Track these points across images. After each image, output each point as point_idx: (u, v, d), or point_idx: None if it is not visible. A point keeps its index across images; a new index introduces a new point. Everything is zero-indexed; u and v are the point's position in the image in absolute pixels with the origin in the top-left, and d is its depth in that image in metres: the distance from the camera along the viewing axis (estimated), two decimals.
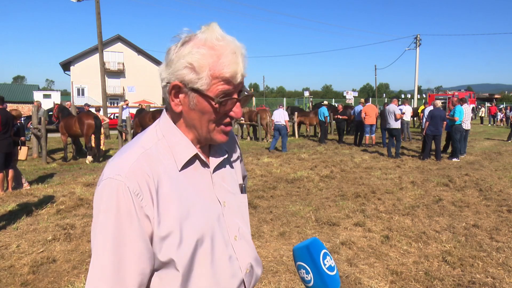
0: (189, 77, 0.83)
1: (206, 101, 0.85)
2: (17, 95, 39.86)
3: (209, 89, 0.83)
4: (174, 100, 0.87)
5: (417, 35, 30.73)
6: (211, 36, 0.83)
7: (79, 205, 5.61)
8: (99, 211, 0.80)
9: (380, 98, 44.77)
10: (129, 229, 0.79)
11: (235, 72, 0.83)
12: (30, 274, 3.44)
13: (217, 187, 0.94)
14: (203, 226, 0.87)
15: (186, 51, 0.83)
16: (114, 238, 0.78)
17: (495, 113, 27.61)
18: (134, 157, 0.84)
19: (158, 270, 0.84)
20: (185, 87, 0.85)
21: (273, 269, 3.51)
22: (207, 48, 0.82)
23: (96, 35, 17.35)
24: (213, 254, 0.88)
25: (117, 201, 0.79)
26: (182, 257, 0.83)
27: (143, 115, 11.64)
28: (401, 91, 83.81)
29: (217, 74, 0.82)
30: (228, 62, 0.82)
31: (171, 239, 0.82)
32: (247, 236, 1.00)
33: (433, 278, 3.31)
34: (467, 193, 6.31)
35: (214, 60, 0.82)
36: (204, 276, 0.86)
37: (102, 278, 0.78)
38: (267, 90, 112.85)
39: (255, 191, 6.53)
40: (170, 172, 0.86)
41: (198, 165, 0.92)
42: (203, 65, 0.82)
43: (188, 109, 0.87)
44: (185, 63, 0.82)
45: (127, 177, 0.80)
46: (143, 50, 41.24)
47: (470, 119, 11.00)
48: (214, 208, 0.92)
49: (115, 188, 0.79)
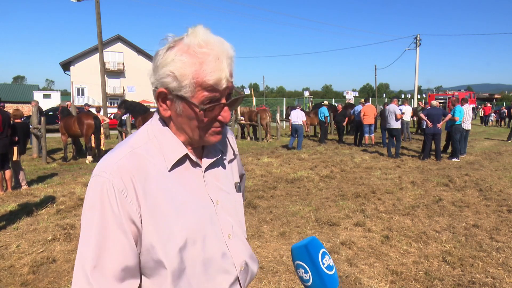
0: (172, 85, 0.83)
1: (190, 109, 0.85)
2: (17, 95, 39.89)
3: (193, 96, 0.83)
4: (162, 105, 0.88)
5: (417, 35, 30.75)
6: (193, 42, 0.82)
7: (79, 205, 5.61)
8: (85, 207, 0.83)
9: (380, 98, 44.78)
10: (112, 224, 0.80)
11: (219, 78, 0.82)
12: (30, 274, 3.44)
13: (210, 186, 0.95)
14: (194, 225, 0.87)
15: (169, 58, 0.82)
16: (97, 233, 0.79)
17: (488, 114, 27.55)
18: (120, 155, 0.85)
19: (148, 269, 0.85)
20: (170, 94, 0.85)
21: (273, 269, 3.51)
22: (189, 55, 0.81)
23: (96, 35, 17.37)
24: (205, 252, 0.88)
25: (100, 197, 0.80)
26: (172, 256, 0.83)
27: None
28: (401, 91, 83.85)
29: (200, 82, 0.81)
30: (211, 69, 0.81)
31: (159, 238, 0.83)
32: (241, 234, 1.01)
33: (433, 278, 3.31)
34: (467, 193, 6.31)
35: (196, 68, 0.81)
36: (197, 274, 0.87)
37: (84, 271, 0.79)
38: (267, 90, 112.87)
39: (255, 191, 6.53)
40: (159, 171, 0.87)
41: (188, 165, 0.93)
42: (184, 73, 0.81)
43: (176, 114, 0.88)
44: (168, 71, 0.82)
45: (111, 174, 0.82)
46: (143, 50, 41.21)
47: (471, 119, 11.00)
48: (206, 206, 0.92)
49: (100, 185, 0.81)
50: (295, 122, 12.29)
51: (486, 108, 27.79)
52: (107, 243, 0.80)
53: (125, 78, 40.33)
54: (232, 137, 1.12)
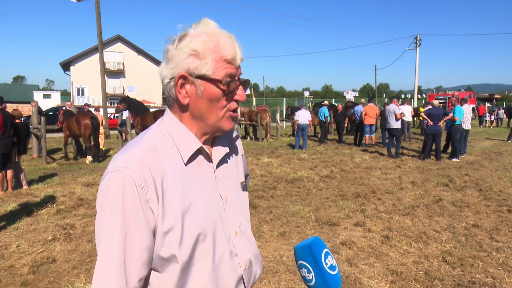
0: (194, 64, 0.86)
1: (214, 85, 0.87)
2: (17, 95, 39.85)
3: (214, 73, 0.86)
4: (181, 92, 0.89)
5: (417, 35, 30.71)
6: (206, 26, 0.88)
7: (79, 205, 5.61)
8: (106, 203, 0.82)
9: (380, 98, 44.74)
10: (134, 221, 0.81)
11: (235, 53, 0.88)
12: (30, 274, 3.44)
13: (220, 183, 0.96)
14: (205, 221, 0.88)
15: (186, 42, 0.86)
16: (121, 230, 0.80)
17: (483, 114, 27.51)
18: (140, 151, 0.86)
19: (159, 263, 0.86)
20: (191, 76, 0.87)
21: (273, 269, 3.51)
22: (206, 35, 0.86)
23: (96, 35, 17.36)
24: (215, 249, 0.89)
25: (123, 192, 0.80)
26: (183, 251, 0.84)
27: (144, 116, 11.63)
28: (401, 91, 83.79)
29: (219, 58, 0.86)
30: (228, 45, 0.87)
31: (173, 234, 0.83)
32: (248, 232, 1.01)
33: (433, 278, 3.31)
34: (467, 193, 6.31)
35: (215, 45, 0.86)
36: (205, 271, 0.88)
37: (109, 268, 0.80)
38: (267, 90, 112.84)
39: (255, 191, 6.53)
40: (174, 167, 0.88)
41: (201, 160, 0.94)
42: (206, 49, 0.85)
43: (196, 98, 0.89)
44: (189, 51, 0.86)
45: (133, 169, 0.82)
46: (143, 50, 41.21)
47: (471, 119, 11.00)
48: (216, 203, 0.93)
49: (122, 180, 0.81)
50: (302, 122, 12.46)
51: (480, 108, 27.74)
52: (131, 238, 0.80)
53: (125, 78, 40.31)
54: (237, 137, 1.13)
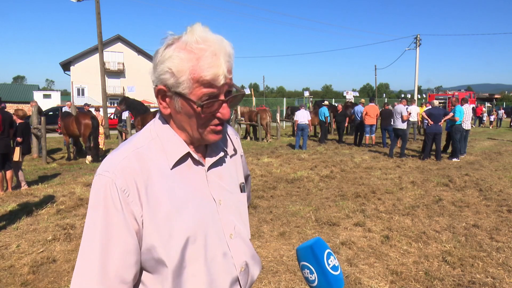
0: (170, 81, 0.84)
1: (188, 105, 0.85)
2: (17, 95, 39.86)
3: (191, 92, 0.83)
4: (162, 103, 0.89)
5: (417, 35, 30.70)
6: (191, 39, 0.82)
7: (79, 205, 5.61)
8: (89, 206, 0.84)
9: (380, 98, 44.71)
10: (115, 222, 0.81)
11: (216, 74, 0.81)
12: (30, 274, 3.44)
13: (212, 185, 0.94)
14: (195, 224, 0.87)
15: (167, 55, 0.83)
16: (101, 232, 0.81)
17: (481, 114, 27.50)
18: (123, 155, 0.86)
19: (149, 267, 0.85)
20: (169, 91, 0.85)
21: (273, 269, 3.51)
22: (186, 52, 0.82)
23: (96, 35, 17.37)
24: (207, 251, 0.88)
25: (104, 196, 0.82)
26: (172, 254, 0.84)
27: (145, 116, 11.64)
28: (401, 91, 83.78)
29: (197, 77, 0.82)
30: (208, 65, 0.81)
31: (160, 237, 0.83)
32: (244, 234, 1.00)
33: (433, 278, 3.31)
34: (467, 193, 6.31)
35: (193, 64, 0.81)
36: (198, 274, 0.87)
37: (88, 270, 0.81)
38: (267, 90, 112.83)
39: (255, 191, 6.53)
40: (161, 170, 0.87)
41: (191, 164, 0.93)
42: (181, 69, 0.82)
43: (175, 112, 0.88)
44: (166, 68, 0.83)
45: (114, 173, 0.83)
46: (143, 50, 41.19)
47: (471, 119, 11.00)
48: (209, 206, 0.92)
49: (103, 184, 0.82)
50: (302, 122, 12.50)
51: (478, 108, 27.76)
52: (111, 240, 0.81)
53: (125, 78, 40.31)
54: (237, 137, 1.12)
